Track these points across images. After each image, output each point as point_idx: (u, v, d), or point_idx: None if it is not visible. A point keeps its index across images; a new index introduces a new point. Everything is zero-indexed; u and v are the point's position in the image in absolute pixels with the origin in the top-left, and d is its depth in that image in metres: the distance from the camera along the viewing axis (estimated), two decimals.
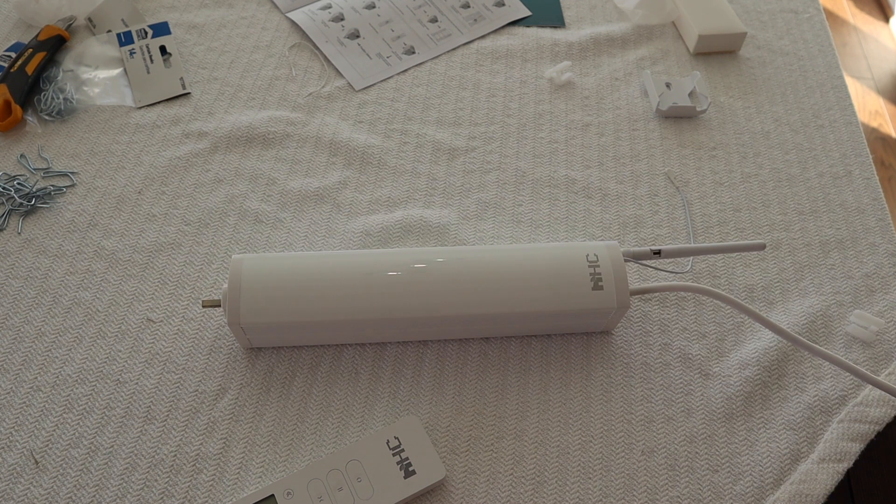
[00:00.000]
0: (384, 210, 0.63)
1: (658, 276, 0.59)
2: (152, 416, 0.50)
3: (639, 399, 0.52)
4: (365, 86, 0.74)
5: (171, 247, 0.60)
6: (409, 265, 0.51)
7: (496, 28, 0.80)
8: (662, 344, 0.55)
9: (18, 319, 0.55)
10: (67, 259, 0.58)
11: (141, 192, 0.63)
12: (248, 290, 0.49)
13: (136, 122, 0.69)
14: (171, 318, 0.55)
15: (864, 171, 0.68)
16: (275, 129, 0.68)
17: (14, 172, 0.64)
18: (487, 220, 0.63)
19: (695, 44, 0.77)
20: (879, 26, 2.11)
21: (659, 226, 0.63)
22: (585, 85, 0.75)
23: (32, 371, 0.52)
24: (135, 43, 0.75)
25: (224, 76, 0.73)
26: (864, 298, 0.59)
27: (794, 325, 0.57)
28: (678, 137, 0.70)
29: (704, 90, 0.72)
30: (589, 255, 0.51)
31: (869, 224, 0.64)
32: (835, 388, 0.53)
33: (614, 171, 0.67)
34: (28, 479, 0.47)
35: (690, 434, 0.51)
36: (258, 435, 0.50)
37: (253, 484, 0.48)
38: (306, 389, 0.52)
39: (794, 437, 0.51)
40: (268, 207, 0.63)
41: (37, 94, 0.69)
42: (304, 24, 0.78)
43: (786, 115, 0.73)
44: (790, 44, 0.80)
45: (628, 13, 0.81)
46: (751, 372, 0.54)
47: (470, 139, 0.69)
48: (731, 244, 0.55)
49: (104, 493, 0.47)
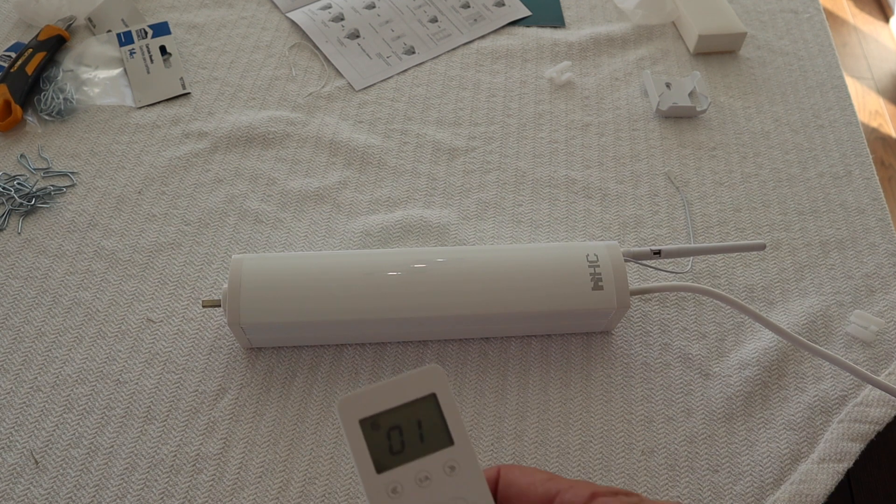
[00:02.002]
0: (384, 210, 0.63)
1: (658, 276, 0.59)
2: (152, 416, 0.50)
3: (639, 399, 0.52)
4: (365, 86, 0.74)
5: (171, 247, 0.60)
6: (409, 265, 0.51)
7: (496, 28, 0.80)
8: (662, 344, 0.55)
9: (18, 319, 0.55)
10: (67, 259, 0.58)
11: (141, 192, 0.63)
12: (248, 290, 0.49)
13: (136, 122, 0.69)
14: (171, 318, 0.55)
15: (864, 171, 0.68)
16: (275, 129, 0.68)
17: (14, 172, 0.64)
18: (487, 220, 0.63)
19: (695, 44, 0.77)
20: (879, 26, 2.11)
21: (659, 226, 0.63)
22: (585, 85, 0.75)
23: (32, 371, 0.52)
24: (135, 43, 0.75)
25: (224, 76, 0.73)
26: (864, 298, 0.59)
27: (794, 325, 0.57)
28: (678, 137, 0.70)
29: (704, 90, 0.72)
30: (589, 255, 0.51)
31: (869, 224, 0.64)
32: (835, 388, 0.53)
33: (614, 171, 0.67)
34: (28, 479, 0.47)
35: (690, 434, 0.51)
36: (258, 435, 0.50)
37: (253, 484, 0.48)
38: (306, 389, 0.52)
39: (794, 437, 0.51)
40: (268, 207, 0.63)
41: (37, 94, 0.69)
42: (304, 24, 0.78)
43: (786, 115, 0.73)
44: (790, 44, 0.80)
45: (628, 13, 0.81)
46: (751, 372, 0.54)
47: (470, 139, 0.69)
48: (731, 244, 0.55)
49: (104, 493, 0.47)
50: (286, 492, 0.47)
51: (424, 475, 0.30)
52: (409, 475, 0.30)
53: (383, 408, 0.31)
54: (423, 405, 0.31)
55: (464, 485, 0.30)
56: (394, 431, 0.31)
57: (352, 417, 0.30)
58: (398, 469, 0.30)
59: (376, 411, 0.30)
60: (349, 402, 0.31)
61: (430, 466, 0.30)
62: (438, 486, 0.30)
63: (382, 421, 0.30)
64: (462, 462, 0.30)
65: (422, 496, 0.30)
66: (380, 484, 0.30)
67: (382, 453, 0.30)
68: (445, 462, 0.30)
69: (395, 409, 0.31)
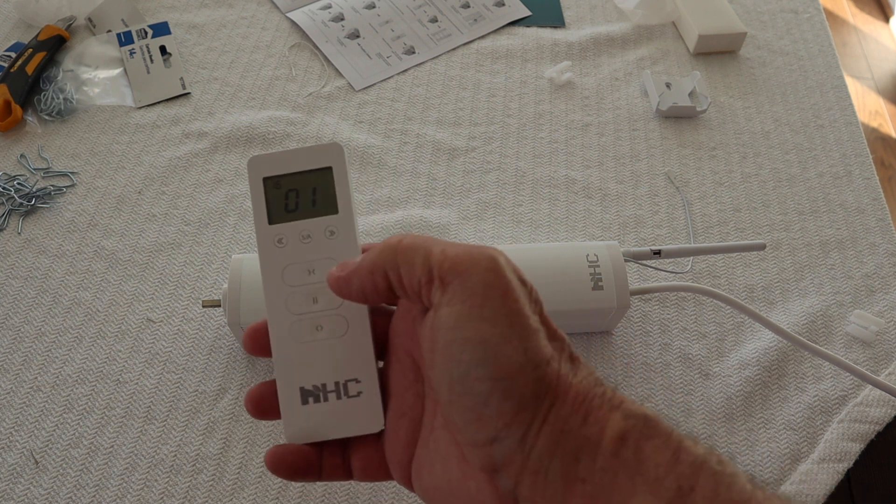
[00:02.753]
0: (384, 210, 0.63)
1: (658, 276, 0.59)
2: (152, 416, 0.50)
3: (639, 399, 0.52)
4: (365, 86, 0.74)
5: (171, 247, 0.60)
6: None
7: (496, 28, 0.80)
8: (662, 344, 0.55)
9: (18, 319, 0.55)
10: (67, 259, 0.58)
11: (141, 192, 0.63)
12: (248, 290, 0.49)
13: (136, 122, 0.69)
14: (171, 318, 0.55)
15: (864, 171, 0.68)
16: (275, 129, 0.68)
17: (14, 172, 0.64)
18: (487, 220, 0.63)
19: (695, 44, 0.77)
20: (879, 26, 2.11)
21: (659, 226, 0.63)
22: (585, 85, 0.75)
23: (32, 371, 0.52)
24: (135, 43, 0.75)
25: (224, 76, 0.73)
26: (864, 298, 0.59)
27: (794, 325, 0.57)
28: (678, 137, 0.70)
29: (704, 90, 0.72)
30: (589, 255, 0.51)
31: (869, 224, 0.64)
32: (835, 388, 0.53)
33: (614, 171, 0.67)
34: (28, 479, 0.47)
35: (691, 434, 0.51)
36: (258, 435, 0.50)
37: (253, 484, 0.48)
38: None
39: (794, 437, 0.51)
40: None
41: (37, 94, 0.69)
42: (304, 24, 0.78)
43: (786, 115, 0.73)
44: (790, 44, 0.80)
45: (628, 13, 0.81)
46: (751, 372, 0.54)
47: (470, 139, 0.69)
48: (731, 244, 0.55)
49: (104, 493, 0.47)
50: (286, 492, 0.47)
51: (308, 234, 0.35)
52: (295, 231, 0.35)
53: (285, 171, 0.35)
54: (319, 175, 0.35)
55: (338, 248, 0.35)
56: (291, 193, 0.35)
57: (258, 175, 0.35)
58: (287, 224, 0.35)
59: (279, 172, 0.35)
60: (257, 160, 0.35)
61: (314, 228, 0.35)
62: (317, 245, 0.35)
63: (283, 182, 0.35)
64: (342, 229, 0.35)
65: (302, 251, 0.35)
66: (270, 233, 0.35)
67: (278, 209, 0.35)
68: (328, 226, 0.35)
69: (296, 174, 0.35)
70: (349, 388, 0.33)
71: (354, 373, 0.33)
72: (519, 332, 0.27)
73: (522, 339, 0.27)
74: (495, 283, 0.28)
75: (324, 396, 0.33)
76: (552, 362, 0.28)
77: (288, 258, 0.34)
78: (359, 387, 0.33)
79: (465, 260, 0.28)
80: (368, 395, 0.33)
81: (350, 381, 0.33)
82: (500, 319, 0.27)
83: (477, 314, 0.27)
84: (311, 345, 0.34)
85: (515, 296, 0.28)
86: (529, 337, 0.28)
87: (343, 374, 0.33)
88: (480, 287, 0.28)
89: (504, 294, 0.28)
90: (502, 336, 0.27)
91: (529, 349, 0.27)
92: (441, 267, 0.28)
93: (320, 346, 0.34)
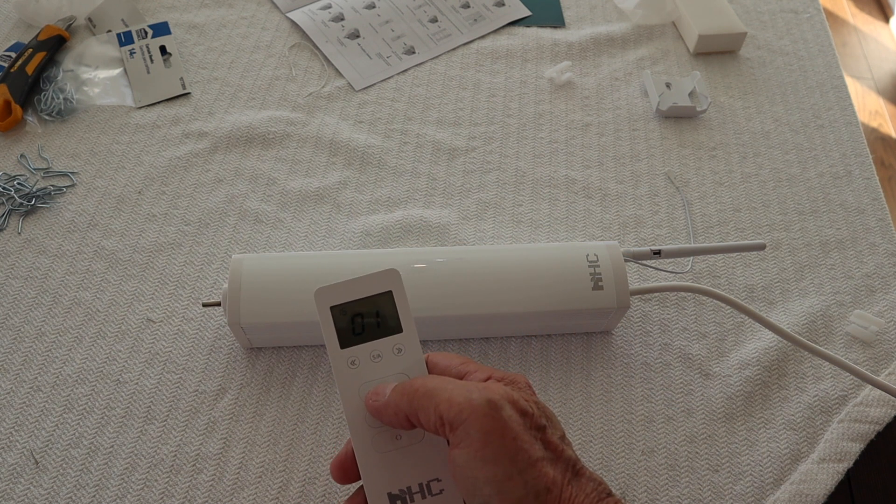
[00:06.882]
0: (384, 210, 0.63)
1: (658, 276, 0.59)
2: (152, 416, 0.50)
3: (639, 399, 0.52)
4: (365, 86, 0.74)
5: (171, 247, 0.60)
6: (409, 265, 0.51)
7: (496, 28, 0.80)
8: (662, 344, 0.55)
9: (18, 319, 0.55)
10: (67, 259, 0.58)
11: (141, 192, 0.63)
12: (248, 290, 0.49)
13: (136, 122, 0.69)
14: (171, 318, 0.55)
15: (864, 171, 0.68)
16: (275, 129, 0.68)
17: (14, 172, 0.64)
18: (487, 220, 0.63)
19: (695, 44, 0.77)
20: (879, 26, 2.11)
21: (659, 226, 0.63)
22: (585, 85, 0.75)
23: (32, 371, 0.52)
24: (135, 43, 0.75)
25: (224, 76, 0.73)
26: (864, 298, 0.59)
27: (794, 325, 0.57)
28: (678, 137, 0.70)
29: (704, 90, 0.72)
30: (589, 255, 0.51)
31: (869, 224, 0.64)
32: (835, 388, 0.53)
33: (614, 171, 0.67)
34: (28, 479, 0.47)
35: (691, 434, 0.51)
36: (258, 435, 0.50)
37: (253, 484, 0.48)
38: (306, 389, 0.52)
39: (794, 437, 0.51)
40: (268, 207, 0.63)
41: (37, 94, 0.69)
42: (304, 24, 0.78)
43: (786, 115, 0.73)
44: (790, 44, 0.80)
45: (628, 13, 0.81)
46: (751, 372, 0.54)
47: (470, 139, 0.69)
48: (731, 244, 0.55)
49: (104, 493, 0.47)
50: (286, 492, 0.47)
51: (377, 353, 0.39)
52: (365, 352, 0.38)
53: (350, 298, 0.39)
54: (381, 299, 0.39)
55: (407, 363, 0.38)
56: (357, 318, 0.39)
57: (325, 304, 0.38)
58: (357, 347, 0.38)
59: (344, 301, 0.39)
60: (323, 292, 0.39)
61: (382, 347, 0.39)
62: (387, 362, 0.38)
63: (349, 309, 0.39)
64: (407, 346, 0.39)
65: (374, 369, 0.38)
66: (342, 357, 0.38)
67: (346, 334, 0.38)
68: (395, 345, 0.39)
69: (359, 300, 0.39)
70: (432, 487, 0.37)
71: (435, 472, 0.37)
72: (520, 468, 0.32)
73: (523, 473, 0.32)
74: (494, 427, 0.33)
75: (410, 498, 0.37)
76: (553, 489, 0.32)
77: (362, 377, 0.38)
78: (441, 485, 0.37)
79: (465, 408, 0.33)
80: (450, 491, 0.37)
81: (432, 480, 0.37)
82: (501, 459, 0.32)
83: (481, 457, 0.32)
84: (392, 454, 0.37)
85: (513, 434, 0.33)
86: (528, 470, 0.32)
87: (425, 475, 0.37)
88: (481, 434, 0.32)
89: (502, 435, 0.32)
90: (505, 474, 0.32)
91: (530, 481, 0.32)
92: (448, 415, 0.33)
93: (401, 454, 0.37)
